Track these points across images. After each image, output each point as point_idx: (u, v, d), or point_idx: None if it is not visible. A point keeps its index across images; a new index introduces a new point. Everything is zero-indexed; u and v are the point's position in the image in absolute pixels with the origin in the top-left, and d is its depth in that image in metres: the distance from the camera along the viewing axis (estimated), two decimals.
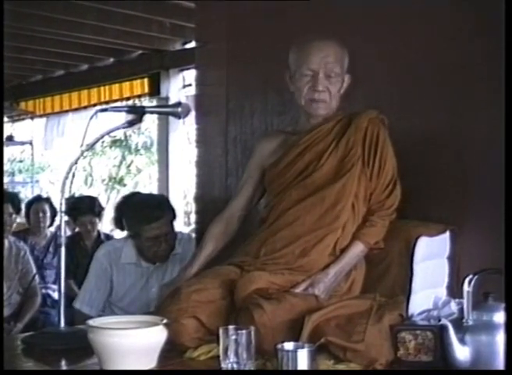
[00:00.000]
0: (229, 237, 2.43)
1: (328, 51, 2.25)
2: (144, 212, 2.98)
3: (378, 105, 2.39)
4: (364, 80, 2.39)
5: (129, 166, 10.53)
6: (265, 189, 2.42)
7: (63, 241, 2.23)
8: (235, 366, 1.77)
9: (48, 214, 5.00)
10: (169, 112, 2.42)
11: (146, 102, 6.85)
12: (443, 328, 1.83)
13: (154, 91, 6.52)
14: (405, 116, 2.31)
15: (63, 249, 2.22)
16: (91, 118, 2.28)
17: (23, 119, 8.50)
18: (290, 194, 2.28)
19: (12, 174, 10.02)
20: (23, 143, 9.00)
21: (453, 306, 2.11)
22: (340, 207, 2.21)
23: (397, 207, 2.26)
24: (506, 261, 1.64)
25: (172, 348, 1.94)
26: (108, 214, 4.42)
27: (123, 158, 10.56)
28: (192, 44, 5.50)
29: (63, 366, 2.03)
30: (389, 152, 2.26)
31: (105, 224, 5.25)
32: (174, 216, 3.09)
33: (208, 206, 3.18)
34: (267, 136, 2.56)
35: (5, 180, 8.71)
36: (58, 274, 3.61)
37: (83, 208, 4.68)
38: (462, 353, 1.79)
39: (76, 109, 7.49)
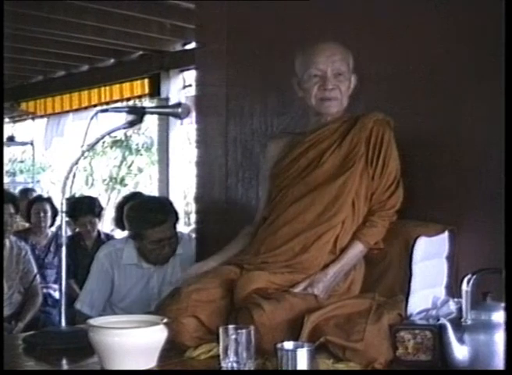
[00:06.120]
0: None
1: (334, 50, 2.29)
2: (148, 216, 2.96)
3: (378, 105, 2.40)
4: (363, 80, 2.39)
5: (129, 166, 10.55)
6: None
7: (64, 240, 2.24)
8: (235, 365, 1.77)
9: (49, 214, 5.01)
10: (169, 112, 2.43)
11: (146, 103, 6.87)
12: (442, 327, 1.84)
13: (155, 91, 6.53)
14: (405, 117, 2.31)
15: (64, 249, 2.23)
16: (92, 118, 2.28)
17: (24, 119, 8.52)
18: (292, 191, 2.28)
19: (14, 174, 10.05)
20: (23, 143, 9.03)
21: (452, 306, 2.10)
22: (340, 203, 2.21)
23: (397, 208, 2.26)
24: (506, 261, 1.65)
25: (172, 347, 1.95)
26: (109, 214, 4.43)
27: (124, 158, 10.57)
28: (192, 45, 5.51)
29: (64, 365, 2.04)
30: (393, 154, 2.27)
31: (106, 224, 5.26)
32: (177, 219, 3.08)
33: (208, 206, 3.18)
34: (274, 138, 2.56)
35: (7, 180, 8.73)
36: (58, 274, 3.62)
37: (83, 208, 4.68)
38: (461, 352, 1.80)
39: (76, 110, 7.51)
